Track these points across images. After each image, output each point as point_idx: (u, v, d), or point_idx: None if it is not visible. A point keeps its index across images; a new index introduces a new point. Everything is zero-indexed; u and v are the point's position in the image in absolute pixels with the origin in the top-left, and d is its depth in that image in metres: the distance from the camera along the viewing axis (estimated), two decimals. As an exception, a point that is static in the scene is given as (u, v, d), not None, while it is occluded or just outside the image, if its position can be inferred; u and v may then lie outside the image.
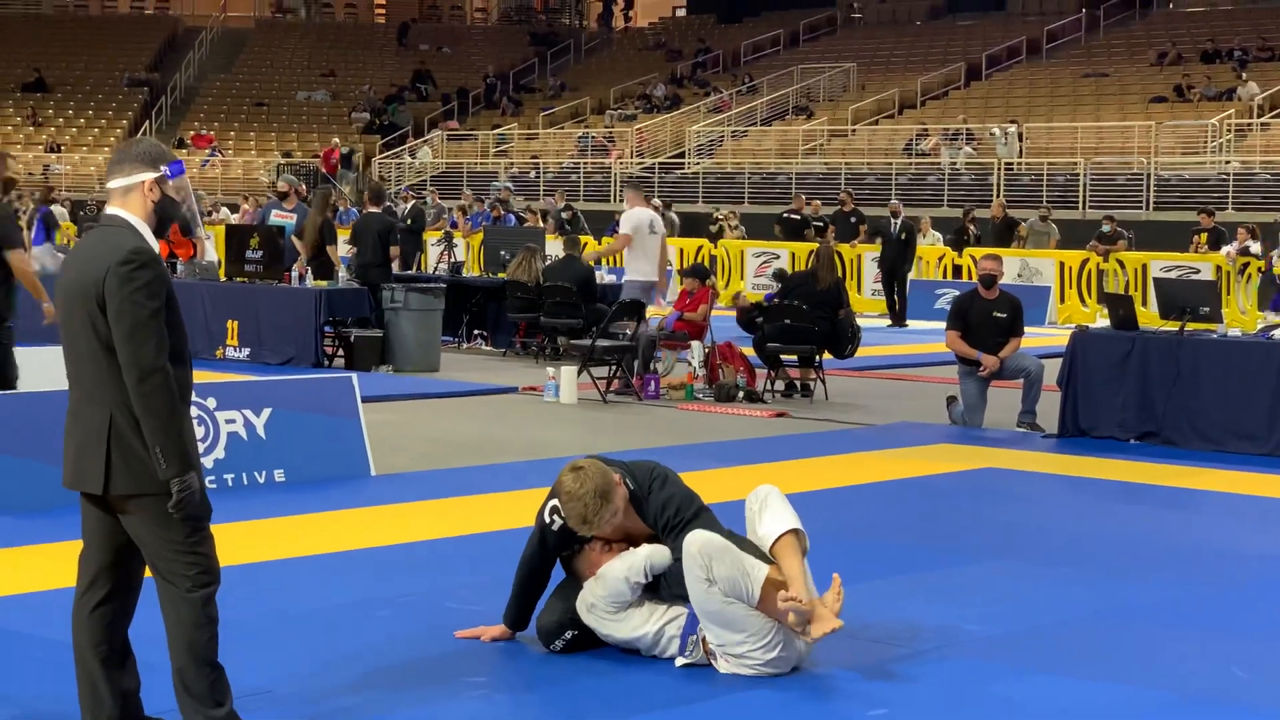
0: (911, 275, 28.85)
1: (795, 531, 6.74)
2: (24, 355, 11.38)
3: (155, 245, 5.38)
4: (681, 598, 6.74)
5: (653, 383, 16.57)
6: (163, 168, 5.43)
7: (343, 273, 19.21)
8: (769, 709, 6.29)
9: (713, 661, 6.68)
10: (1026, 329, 15.12)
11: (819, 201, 34.36)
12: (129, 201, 5.41)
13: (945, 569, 8.86)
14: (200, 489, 5.27)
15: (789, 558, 6.65)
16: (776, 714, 6.25)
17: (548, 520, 6.95)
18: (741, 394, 16.48)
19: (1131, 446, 13.57)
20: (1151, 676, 6.80)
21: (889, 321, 26.91)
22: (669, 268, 20.00)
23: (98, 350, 5.26)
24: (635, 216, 18.34)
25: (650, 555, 6.82)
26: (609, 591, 6.80)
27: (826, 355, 16.97)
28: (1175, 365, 13.59)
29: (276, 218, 20.78)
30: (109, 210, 5.42)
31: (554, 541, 6.97)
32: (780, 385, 16.95)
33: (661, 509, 6.86)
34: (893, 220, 27.08)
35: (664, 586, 6.82)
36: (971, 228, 30.47)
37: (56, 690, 5.67)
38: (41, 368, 10.85)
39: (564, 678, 6.61)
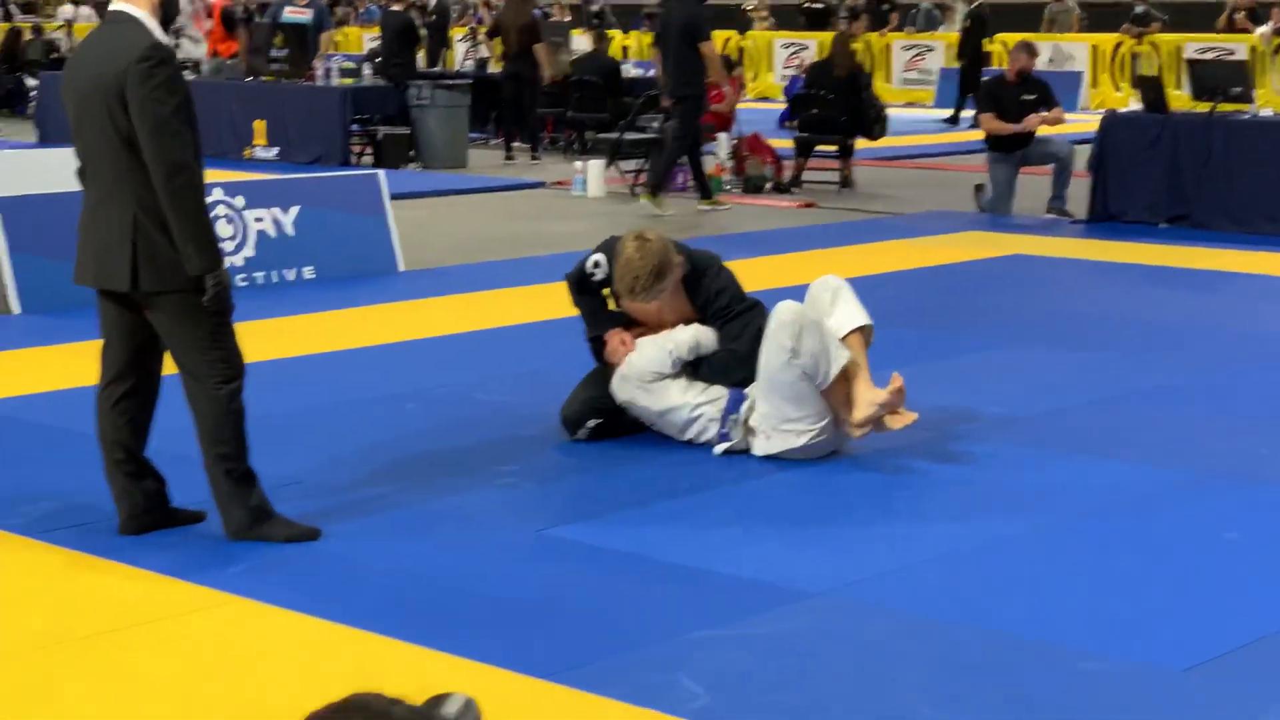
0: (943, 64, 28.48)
1: (866, 327, 6.75)
2: (46, 155, 11.35)
3: (165, 40, 5.35)
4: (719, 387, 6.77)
5: (680, 175, 16.51)
6: None
7: (367, 70, 19.08)
8: (802, 486, 6.35)
9: (750, 440, 6.68)
10: (1057, 114, 14.95)
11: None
12: None
13: (971, 354, 8.88)
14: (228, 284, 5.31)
15: (858, 353, 6.67)
16: (809, 492, 6.31)
17: (589, 270, 6.97)
18: (770, 185, 16.40)
19: (1161, 230, 13.50)
20: (1175, 456, 6.83)
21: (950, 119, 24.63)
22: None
23: (119, 147, 5.24)
24: None
25: (699, 333, 6.82)
26: (647, 359, 6.78)
27: (862, 143, 16.81)
28: (1206, 147, 13.46)
29: (290, 14, 20.13)
30: (116, 6, 5.37)
31: (591, 291, 7.01)
32: (835, 178, 16.74)
33: (716, 294, 6.85)
34: (963, 5, 25.11)
35: (705, 372, 6.81)
36: None
37: (93, 483, 5.76)
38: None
39: (592, 466, 6.67)
